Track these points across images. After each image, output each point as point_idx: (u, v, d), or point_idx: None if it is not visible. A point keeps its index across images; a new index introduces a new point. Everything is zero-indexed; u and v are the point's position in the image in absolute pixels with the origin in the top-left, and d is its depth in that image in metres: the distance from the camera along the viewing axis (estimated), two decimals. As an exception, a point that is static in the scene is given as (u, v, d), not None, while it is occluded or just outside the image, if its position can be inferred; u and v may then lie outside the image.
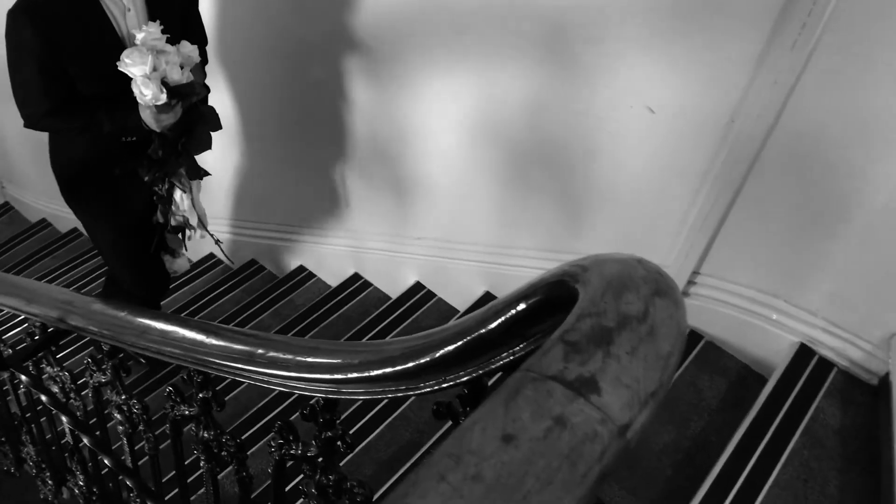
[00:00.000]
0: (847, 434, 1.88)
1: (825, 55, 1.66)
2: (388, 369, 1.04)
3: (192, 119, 2.22)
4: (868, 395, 1.96)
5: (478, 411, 0.54)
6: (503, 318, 0.88)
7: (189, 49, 2.05)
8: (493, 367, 0.96)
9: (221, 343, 1.35)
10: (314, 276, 3.48)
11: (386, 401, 2.49)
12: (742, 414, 1.95)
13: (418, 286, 3.03)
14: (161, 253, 2.68)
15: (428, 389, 1.04)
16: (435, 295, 3.00)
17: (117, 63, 1.98)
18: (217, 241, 2.64)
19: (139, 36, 2.00)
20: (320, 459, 1.28)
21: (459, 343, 0.94)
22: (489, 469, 0.48)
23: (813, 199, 1.87)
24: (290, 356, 1.21)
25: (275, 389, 2.65)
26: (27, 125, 2.20)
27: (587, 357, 0.56)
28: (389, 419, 2.40)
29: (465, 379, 1.00)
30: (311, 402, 1.27)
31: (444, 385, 1.03)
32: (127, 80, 2.02)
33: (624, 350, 0.57)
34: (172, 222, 2.50)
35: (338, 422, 1.28)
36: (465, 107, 2.34)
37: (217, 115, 2.29)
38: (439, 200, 2.69)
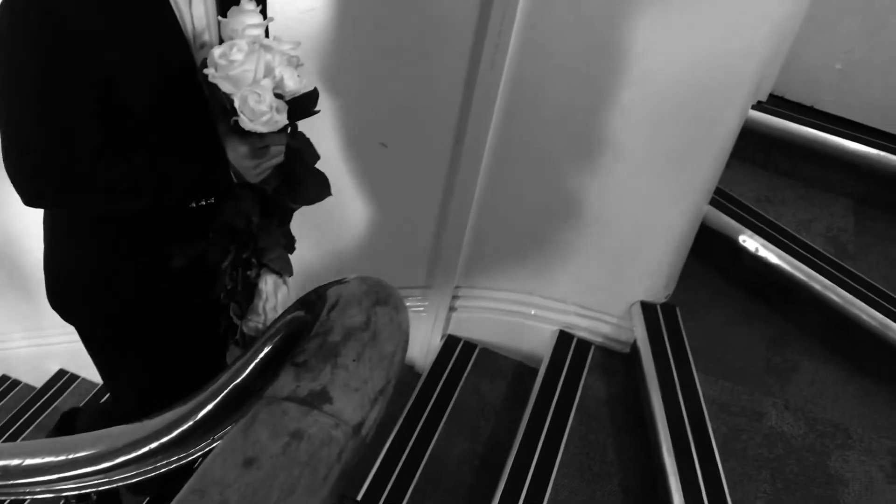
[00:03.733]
0: (614, 402, 2.08)
1: (518, 72, 1.85)
2: (154, 444, 1.02)
3: (288, 156, 1.40)
4: (624, 362, 2.18)
5: (218, 445, 0.56)
6: (254, 364, 0.91)
7: (288, 46, 1.27)
8: (258, 412, 0.98)
9: (-31, 465, 1.24)
10: None
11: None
12: (524, 407, 2.09)
13: (61, 373, 3.01)
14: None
15: (200, 452, 1.03)
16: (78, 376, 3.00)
17: (204, 71, 1.20)
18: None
19: (227, 23, 1.23)
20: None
21: (218, 400, 0.95)
22: (234, 493, 0.51)
23: (541, 198, 2.06)
24: (48, 458, 1.14)
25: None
26: (33, 201, 1.25)
27: (317, 373, 0.60)
28: None
29: (234, 432, 1.01)
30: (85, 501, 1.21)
31: (216, 443, 1.03)
32: (201, 105, 1.28)
33: (351, 358, 0.62)
34: (246, 329, 1.57)
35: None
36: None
37: (311, 143, 1.50)
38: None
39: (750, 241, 2.22)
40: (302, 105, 1.30)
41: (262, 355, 0.88)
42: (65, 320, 1.55)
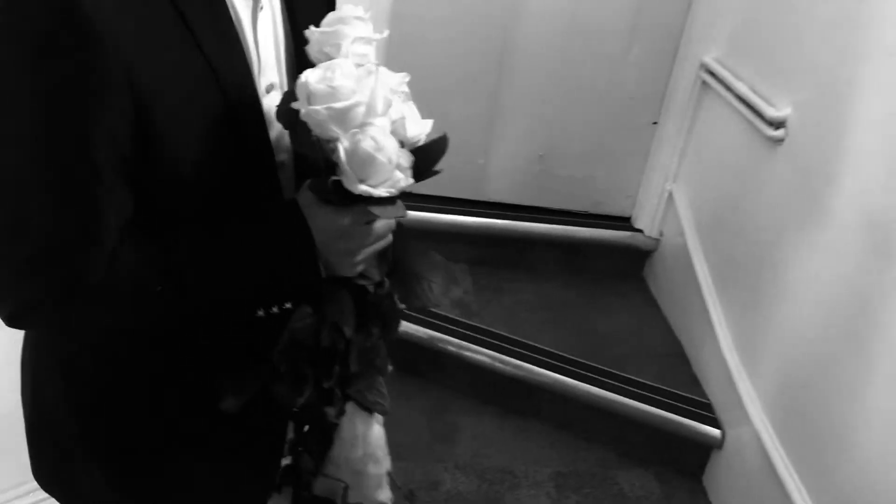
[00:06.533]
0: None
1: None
2: None
3: (394, 234, 0.95)
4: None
5: None
6: None
7: (396, 80, 0.84)
8: None
9: None
10: None
11: None
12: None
13: None
14: None
15: None
16: None
17: (293, 106, 0.80)
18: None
19: (322, 36, 0.84)
20: None
21: None
22: None
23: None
24: None
25: None
26: (20, 315, 0.78)
27: None
28: None
29: None
30: None
31: None
32: (268, 167, 0.87)
33: None
34: (318, 490, 1.04)
35: None
36: None
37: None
38: None
39: (388, 325, 2.35)
40: (426, 158, 0.86)
41: None
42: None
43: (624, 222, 2.76)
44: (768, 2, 2.12)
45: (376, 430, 1.03)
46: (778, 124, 1.93)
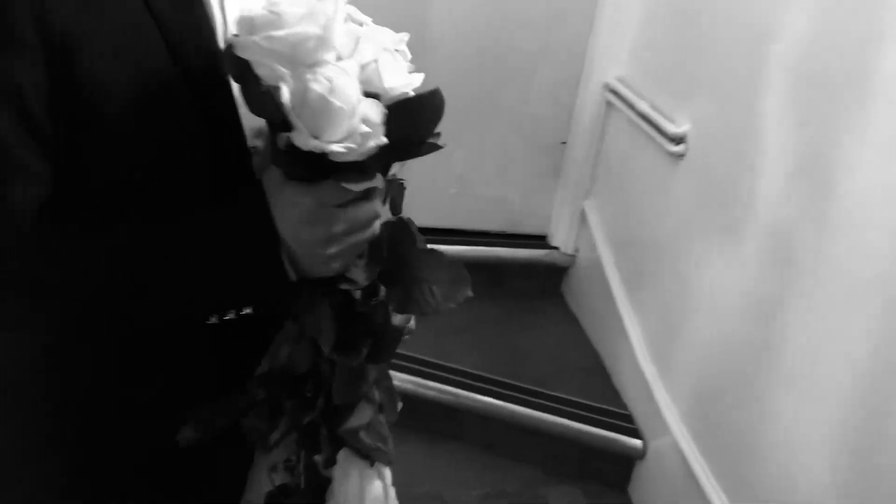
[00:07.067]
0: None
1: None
2: None
3: (388, 228, 0.80)
4: None
5: None
6: None
7: (390, 38, 0.71)
8: None
9: None
10: None
11: None
12: None
13: None
14: None
15: None
16: None
17: (228, 39, 0.63)
18: None
19: None
20: None
21: None
22: None
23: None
24: None
25: None
26: None
27: None
28: None
29: None
30: None
31: None
32: (234, 137, 0.71)
33: None
34: None
35: None
36: None
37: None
38: None
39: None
40: (411, 118, 0.71)
41: None
42: None
43: (540, 240, 2.80)
44: (665, 22, 2.19)
45: (376, 487, 0.80)
46: (678, 140, 1.99)
